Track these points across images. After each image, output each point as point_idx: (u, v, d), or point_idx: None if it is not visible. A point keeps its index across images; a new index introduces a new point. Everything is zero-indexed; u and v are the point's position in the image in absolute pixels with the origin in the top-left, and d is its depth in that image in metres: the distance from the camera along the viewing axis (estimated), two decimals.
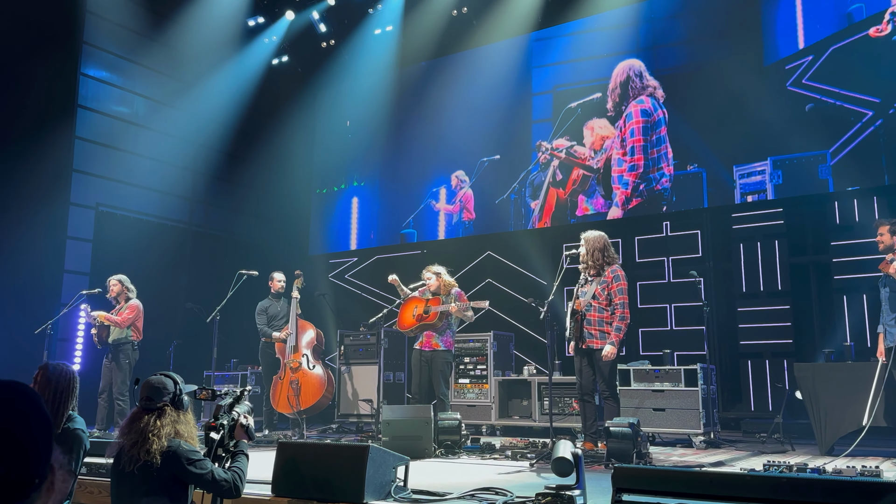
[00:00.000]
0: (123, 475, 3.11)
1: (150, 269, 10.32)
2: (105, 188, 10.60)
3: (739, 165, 8.98)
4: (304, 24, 11.96)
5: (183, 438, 3.18)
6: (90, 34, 10.57)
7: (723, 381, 8.57)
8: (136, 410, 3.23)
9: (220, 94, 11.62)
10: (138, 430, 3.12)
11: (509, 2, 10.58)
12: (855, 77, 8.34)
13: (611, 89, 9.97)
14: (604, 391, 6.03)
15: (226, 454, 3.41)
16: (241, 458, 3.40)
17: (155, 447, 3.07)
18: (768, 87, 8.90)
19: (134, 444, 3.10)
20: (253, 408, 3.65)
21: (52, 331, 7.89)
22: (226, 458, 3.39)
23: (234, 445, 3.44)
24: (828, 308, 8.37)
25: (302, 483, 3.94)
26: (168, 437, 3.12)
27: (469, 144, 11.08)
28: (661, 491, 2.93)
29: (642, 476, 3.06)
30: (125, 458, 3.11)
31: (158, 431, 3.11)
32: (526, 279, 10.12)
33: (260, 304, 8.57)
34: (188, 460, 3.11)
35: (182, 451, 3.11)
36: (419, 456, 5.94)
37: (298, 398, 8.00)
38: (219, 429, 3.39)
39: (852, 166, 8.27)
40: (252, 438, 3.51)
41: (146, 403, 3.21)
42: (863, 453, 5.93)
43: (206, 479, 3.15)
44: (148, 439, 3.08)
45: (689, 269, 7.84)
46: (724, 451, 6.51)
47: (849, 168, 8.29)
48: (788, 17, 8.96)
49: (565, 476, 3.58)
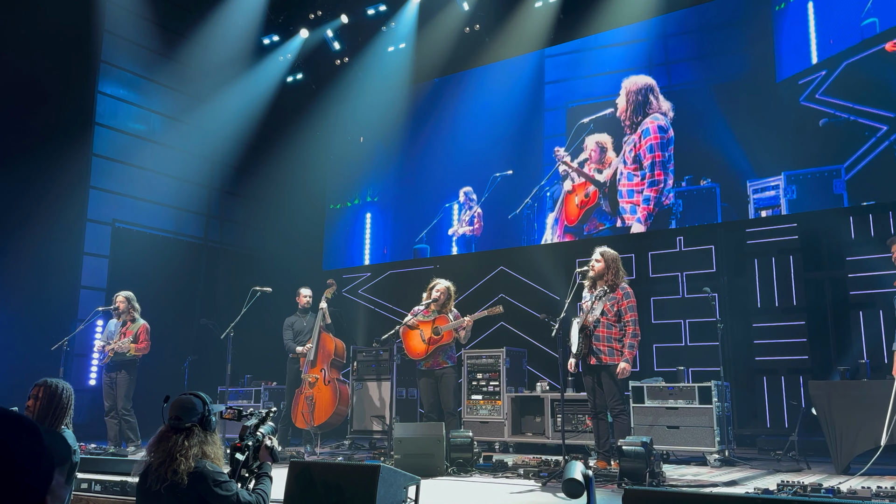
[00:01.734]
0: (150, 494, 3.12)
1: (166, 284, 10.43)
2: (121, 204, 10.73)
3: (753, 180, 8.95)
4: (318, 41, 12.09)
5: (209, 459, 3.18)
6: (107, 53, 10.74)
7: (738, 398, 8.49)
8: (165, 429, 3.23)
9: (235, 111, 11.75)
10: (166, 449, 3.13)
11: (521, 19, 10.65)
12: (869, 92, 8.30)
13: (623, 106, 9.98)
14: (614, 407, 6.00)
15: (250, 475, 3.42)
16: (265, 480, 3.41)
17: (182, 468, 3.07)
18: (782, 102, 8.88)
19: (161, 464, 3.10)
20: (276, 429, 3.66)
21: (69, 347, 7.94)
22: (249, 479, 3.41)
23: (259, 467, 3.45)
24: (844, 324, 8.29)
25: (313, 502, 3.94)
26: (195, 458, 3.12)
27: (482, 160, 11.13)
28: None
29: (653, 498, 3.04)
30: (152, 477, 3.11)
31: (186, 452, 3.11)
32: (539, 294, 10.10)
33: (287, 319, 8.57)
34: (214, 482, 3.12)
35: (209, 473, 3.12)
36: (431, 474, 5.93)
37: (312, 414, 8.02)
38: (244, 450, 3.40)
39: (867, 181, 8.22)
40: (276, 460, 3.52)
41: (175, 423, 3.21)
42: (879, 472, 5.86)
43: (232, 500, 3.15)
44: (176, 459, 3.08)
45: (703, 285, 7.79)
46: (739, 470, 6.44)
47: (864, 183, 8.25)
48: (801, 32, 8.94)
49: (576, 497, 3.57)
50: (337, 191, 12.99)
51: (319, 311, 8.30)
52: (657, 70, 9.87)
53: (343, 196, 12.88)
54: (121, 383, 7.81)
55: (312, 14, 11.82)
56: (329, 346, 8.28)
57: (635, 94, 9.91)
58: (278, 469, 3.59)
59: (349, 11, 11.57)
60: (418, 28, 11.37)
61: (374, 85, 12.25)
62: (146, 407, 7.40)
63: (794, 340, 8.48)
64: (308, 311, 8.55)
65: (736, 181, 9.07)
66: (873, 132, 8.25)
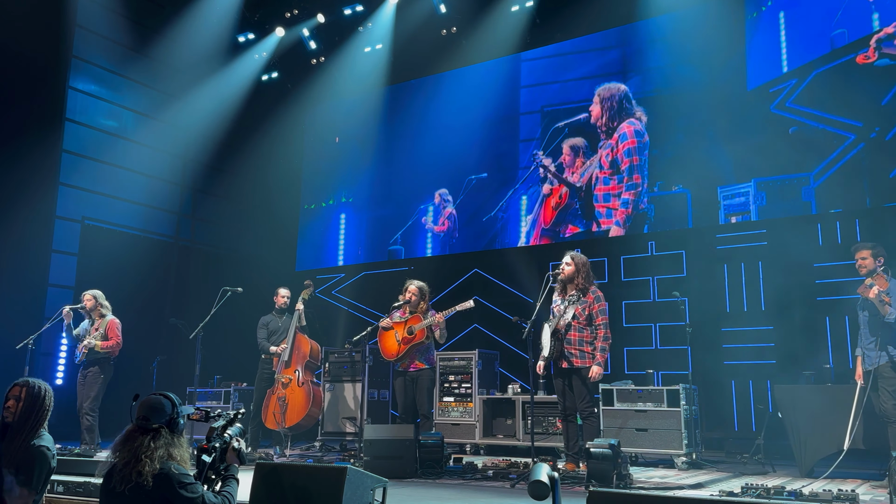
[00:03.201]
0: (114, 495, 3.07)
1: (136, 283, 10.30)
2: (91, 201, 10.59)
3: (723, 187, 9.06)
4: (294, 40, 12.03)
5: (176, 461, 3.14)
6: (79, 48, 10.59)
7: (706, 401, 8.58)
8: (132, 429, 3.17)
9: (209, 109, 11.65)
10: (131, 449, 3.08)
11: (497, 22, 10.69)
12: (837, 101, 8.44)
13: (597, 112, 10.05)
14: (584, 409, 6.05)
15: (216, 477, 3.39)
16: (232, 482, 3.38)
17: (147, 469, 3.03)
18: (753, 109, 9.00)
19: (126, 464, 3.06)
20: (245, 430, 3.63)
21: (35, 346, 7.78)
22: (216, 481, 3.37)
23: (226, 469, 3.41)
24: (811, 329, 8.40)
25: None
26: (161, 460, 3.08)
27: (457, 162, 11.15)
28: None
29: (616, 500, 3.06)
30: (116, 478, 3.07)
31: (152, 454, 3.07)
32: (512, 297, 10.14)
33: (262, 318, 8.45)
34: (180, 483, 3.08)
35: (174, 475, 3.08)
36: (401, 476, 5.93)
37: (284, 415, 7.97)
38: (211, 451, 3.37)
39: (835, 189, 8.36)
40: (244, 462, 3.49)
41: (142, 423, 3.16)
42: (842, 475, 5.96)
43: (198, 502, 3.11)
44: (141, 460, 3.04)
45: (673, 290, 7.87)
46: (706, 473, 6.51)
47: (832, 190, 8.39)
48: (772, 42, 9.07)
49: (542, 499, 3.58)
50: (311, 191, 12.93)
51: (296, 312, 8.23)
52: (631, 76, 9.96)
53: (317, 196, 12.83)
54: (90, 380, 7.61)
55: (288, 13, 11.76)
56: (304, 347, 8.23)
57: (609, 101, 9.99)
58: (244, 471, 3.56)
59: (326, 11, 11.53)
60: (395, 29, 11.35)
61: (350, 85, 12.21)
62: (113, 407, 7.29)
63: (761, 345, 8.59)
64: (284, 311, 8.47)
65: (707, 187, 9.18)
66: (841, 141, 8.39)
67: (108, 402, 7.82)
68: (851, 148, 8.33)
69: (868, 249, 5.95)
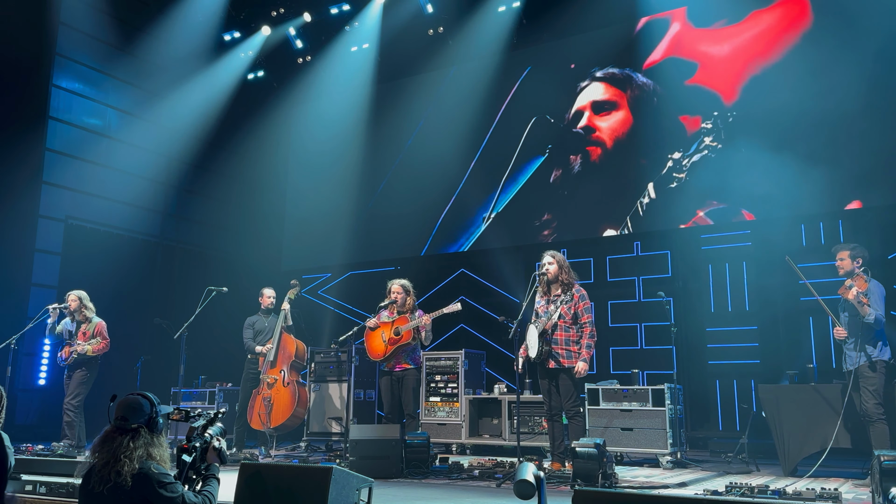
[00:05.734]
0: (93, 495, 3.06)
1: (119, 283, 10.22)
2: (75, 201, 10.50)
3: None
4: (280, 39, 11.98)
5: (155, 461, 3.13)
6: (63, 45, 10.49)
7: (691, 401, 8.64)
8: (110, 429, 3.16)
9: (194, 108, 11.57)
10: (110, 450, 3.07)
11: (484, 22, 10.69)
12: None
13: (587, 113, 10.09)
14: (570, 409, 6.06)
15: (197, 477, 3.38)
16: (212, 481, 3.38)
17: (126, 469, 3.02)
18: None
19: (105, 465, 3.04)
20: (226, 429, 3.61)
21: (17, 346, 7.69)
22: (197, 481, 3.36)
23: (206, 468, 3.40)
24: (794, 329, 8.48)
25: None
26: (140, 460, 3.07)
27: (445, 161, 11.09)
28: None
29: (601, 499, 3.07)
30: (95, 478, 3.06)
31: (131, 454, 3.06)
32: (499, 297, 10.15)
33: (248, 318, 8.39)
34: (159, 483, 3.07)
35: (153, 475, 3.07)
36: (387, 476, 5.92)
37: (269, 415, 7.94)
38: (191, 451, 3.36)
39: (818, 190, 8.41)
40: (225, 461, 3.48)
41: (121, 423, 3.15)
42: (825, 474, 6.01)
43: (178, 501, 3.11)
44: (120, 460, 3.03)
45: (658, 290, 7.91)
46: (690, 472, 6.55)
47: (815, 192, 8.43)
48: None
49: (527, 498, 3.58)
50: (297, 190, 12.87)
51: (282, 312, 8.20)
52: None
53: (304, 196, 12.76)
54: (75, 378, 7.53)
55: (275, 11, 11.72)
56: (290, 347, 8.20)
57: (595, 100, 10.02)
58: (229, 472, 3.54)
59: (312, 10, 11.49)
60: (382, 29, 11.33)
61: (336, 84, 12.16)
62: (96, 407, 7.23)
63: (745, 345, 8.65)
64: (271, 311, 8.42)
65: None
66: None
67: (92, 403, 7.74)
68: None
69: (847, 251, 6.00)
